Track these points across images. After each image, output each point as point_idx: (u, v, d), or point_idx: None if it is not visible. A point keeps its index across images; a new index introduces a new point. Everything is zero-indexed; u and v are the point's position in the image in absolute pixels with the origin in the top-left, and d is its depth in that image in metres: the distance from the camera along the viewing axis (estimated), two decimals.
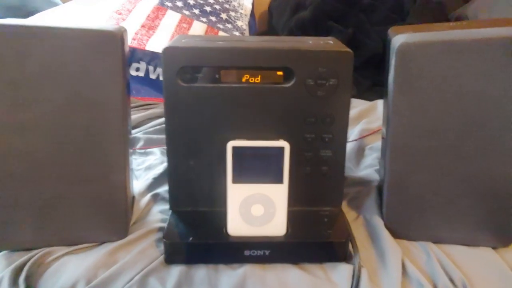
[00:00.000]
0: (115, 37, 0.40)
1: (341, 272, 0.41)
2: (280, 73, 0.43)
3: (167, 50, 0.41)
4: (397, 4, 1.07)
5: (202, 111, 0.43)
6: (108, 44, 0.39)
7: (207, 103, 0.43)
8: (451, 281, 0.40)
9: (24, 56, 0.38)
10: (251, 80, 0.43)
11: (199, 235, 0.42)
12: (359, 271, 0.41)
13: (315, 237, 0.43)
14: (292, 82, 0.43)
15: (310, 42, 0.45)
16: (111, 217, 0.44)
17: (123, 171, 0.43)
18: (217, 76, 0.42)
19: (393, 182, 0.44)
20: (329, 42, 0.46)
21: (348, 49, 0.43)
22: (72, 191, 0.42)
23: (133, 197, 0.51)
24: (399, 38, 0.40)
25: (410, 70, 0.40)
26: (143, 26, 0.91)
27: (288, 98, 0.43)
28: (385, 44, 0.46)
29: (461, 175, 0.42)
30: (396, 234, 0.45)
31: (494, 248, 0.45)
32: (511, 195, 0.42)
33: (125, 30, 0.42)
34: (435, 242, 0.45)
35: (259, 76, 0.43)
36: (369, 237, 0.46)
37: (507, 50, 0.38)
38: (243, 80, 0.43)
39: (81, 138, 0.41)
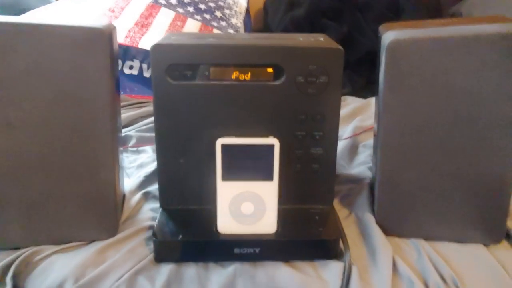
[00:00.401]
0: (103, 34, 0.39)
1: (332, 269, 0.41)
2: (270, 70, 0.42)
3: (155, 47, 0.41)
4: (392, 1, 1.07)
5: (192, 109, 0.43)
6: (96, 41, 0.39)
7: (196, 100, 0.43)
8: (442, 278, 0.40)
9: (11, 53, 0.38)
10: (241, 77, 0.42)
11: (189, 233, 0.42)
12: (350, 268, 0.41)
13: (305, 235, 0.43)
14: (282, 80, 0.42)
15: (300, 39, 0.45)
16: (100, 215, 0.43)
17: (112, 169, 0.43)
18: (206, 73, 0.42)
19: (385, 179, 0.44)
20: (320, 39, 0.45)
21: (339, 46, 0.43)
22: (60, 189, 0.42)
23: (124, 195, 0.50)
24: (390, 35, 0.40)
25: (400, 67, 0.40)
26: (136, 24, 0.90)
27: (278, 95, 0.43)
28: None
29: (451, 172, 0.42)
30: (387, 231, 0.45)
31: (485, 245, 0.45)
32: (501, 192, 0.43)
33: (114, 27, 0.42)
34: (426, 239, 0.45)
35: (249, 74, 0.42)
36: (361, 234, 0.46)
37: (495, 47, 0.38)
38: (233, 77, 0.42)
39: (69, 135, 0.41)
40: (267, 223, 0.42)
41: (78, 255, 0.42)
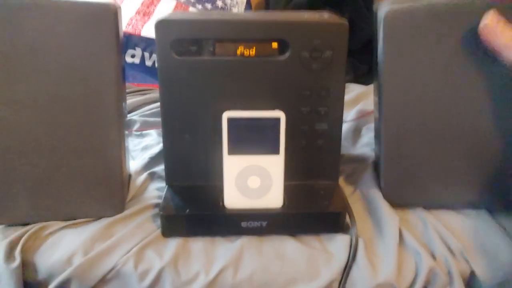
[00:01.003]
0: (110, 11, 0.39)
1: (338, 242, 0.41)
2: (275, 46, 0.43)
3: (160, 23, 0.41)
4: None
5: (197, 85, 0.43)
6: (102, 18, 0.39)
7: (201, 76, 0.43)
8: (449, 250, 0.41)
9: (17, 29, 0.38)
10: (246, 53, 0.42)
11: (195, 208, 0.42)
12: (356, 241, 0.41)
13: (311, 208, 0.43)
14: (287, 55, 0.43)
15: (305, 16, 0.45)
16: (107, 192, 0.43)
17: (119, 146, 0.43)
18: (211, 49, 0.42)
19: (389, 150, 0.45)
20: (324, 16, 0.45)
21: (344, 21, 0.43)
22: (67, 165, 0.42)
23: (130, 175, 0.51)
24: (384, 7, 0.41)
25: (398, 36, 0.41)
26: (138, 12, 0.90)
27: (283, 71, 0.43)
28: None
29: (453, 138, 0.43)
30: (394, 203, 0.45)
31: (491, 211, 0.45)
32: (501, 155, 0.43)
33: (119, 6, 0.42)
34: (433, 208, 0.45)
35: (254, 49, 0.42)
36: (366, 209, 0.46)
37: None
38: (238, 53, 0.42)
39: (75, 111, 0.41)
40: (273, 197, 0.42)
41: (86, 230, 0.42)
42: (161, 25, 0.41)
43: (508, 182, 0.44)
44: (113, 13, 0.40)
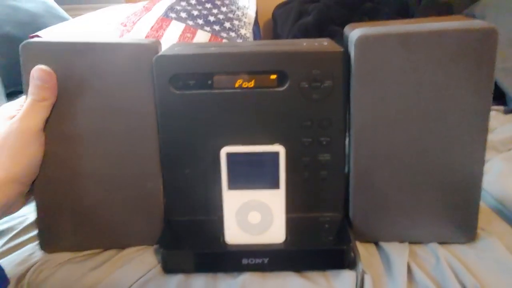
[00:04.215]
0: (150, 50, 0.42)
1: (344, 279, 0.40)
2: (273, 77, 0.42)
3: (158, 58, 0.41)
4: (402, 7, 1.05)
5: (196, 118, 0.43)
6: (143, 56, 0.41)
7: (200, 109, 0.42)
8: (463, 287, 0.38)
9: (68, 71, 0.41)
10: (245, 85, 0.42)
11: (195, 244, 0.42)
12: (362, 278, 0.39)
13: (315, 244, 0.42)
14: (286, 86, 0.42)
15: (304, 44, 0.45)
16: (147, 221, 0.44)
17: (158, 176, 0.44)
18: (209, 82, 0.42)
19: (358, 179, 0.43)
20: (324, 43, 0.45)
21: (341, 49, 0.42)
22: (110, 197, 0.43)
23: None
24: (356, 32, 0.40)
25: (369, 61, 0.40)
26: (147, 37, 0.92)
27: (283, 102, 0.42)
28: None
29: (423, 169, 0.42)
30: (363, 234, 0.44)
31: (463, 243, 0.43)
32: (471, 188, 0.42)
33: (160, 43, 0.44)
34: (402, 241, 0.44)
35: (253, 81, 0.42)
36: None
37: (460, 42, 0.39)
38: (236, 85, 0.42)
39: (118, 145, 0.43)
40: (275, 232, 0.41)
41: (90, 265, 0.42)
42: (159, 61, 0.41)
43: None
44: (153, 52, 0.42)
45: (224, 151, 0.39)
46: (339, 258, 0.41)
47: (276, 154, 0.39)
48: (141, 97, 0.42)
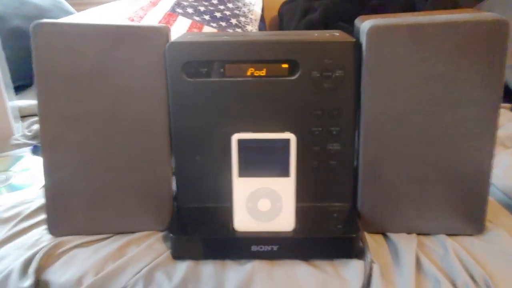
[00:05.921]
0: (161, 33, 0.41)
1: (352, 268, 0.40)
2: (285, 65, 0.42)
3: (171, 45, 0.42)
4: (408, 3, 1.06)
5: (208, 106, 0.43)
6: (155, 39, 0.41)
7: (212, 97, 0.43)
8: (472, 278, 0.38)
9: (78, 54, 0.41)
10: (256, 73, 0.42)
11: (205, 231, 0.42)
12: (371, 267, 0.39)
13: (323, 232, 0.42)
14: (297, 75, 0.42)
15: (315, 35, 0.45)
16: (156, 207, 0.44)
17: (168, 163, 0.44)
18: (221, 70, 0.42)
19: (367, 170, 0.43)
20: (335, 34, 0.45)
21: (354, 39, 0.42)
22: (120, 181, 0.43)
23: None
24: (368, 23, 0.40)
25: (380, 52, 0.40)
26: None
27: (294, 91, 0.42)
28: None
29: (432, 161, 0.42)
30: (371, 225, 0.44)
31: (471, 235, 0.43)
32: (479, 180, 0.42)
33: (169, 29, 0.44)
34: (410, 232, 0.44)
35: (264, 70, 0.42)
36: None
37: (470, 33, 0.39)
38: (248, 73, 0.42)
39: (129, 130, 0.42)
40: (284, 220, 0.41)
41: (99, 249, 0.42)
42: (172, 48, 0.42)
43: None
44: (165, 36, 0.42)
45: (236, 137, 0.39)
46: (348, 247, 0.41)
47: (287, 142, 0.39)
48: (152, 80, 0.42)
